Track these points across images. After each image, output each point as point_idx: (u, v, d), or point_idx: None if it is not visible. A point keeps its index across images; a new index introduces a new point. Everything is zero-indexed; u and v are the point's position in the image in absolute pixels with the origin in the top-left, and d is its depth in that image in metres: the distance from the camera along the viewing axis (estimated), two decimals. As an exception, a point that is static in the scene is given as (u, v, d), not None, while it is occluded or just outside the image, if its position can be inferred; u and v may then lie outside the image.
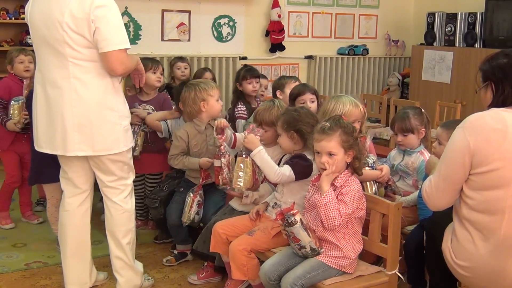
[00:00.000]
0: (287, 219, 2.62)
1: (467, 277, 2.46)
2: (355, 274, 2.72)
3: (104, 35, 2.84)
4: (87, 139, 2.95)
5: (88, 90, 2.92)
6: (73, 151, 2.96)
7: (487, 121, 2.36)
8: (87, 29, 2.82)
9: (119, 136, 3.04)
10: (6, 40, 5.75)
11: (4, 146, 4.20)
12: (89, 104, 2.93)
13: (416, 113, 3.45)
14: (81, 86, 2.91)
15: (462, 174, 2.40)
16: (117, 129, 3.03)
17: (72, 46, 2.85)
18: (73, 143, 2.94)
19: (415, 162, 3.34)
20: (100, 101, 2.95)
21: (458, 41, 6.59)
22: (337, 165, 2.66)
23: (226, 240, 3.05)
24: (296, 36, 7.08)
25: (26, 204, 4.42)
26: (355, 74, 7.48)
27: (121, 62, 2.92)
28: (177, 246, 3.75)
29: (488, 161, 2.32)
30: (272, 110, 3.26)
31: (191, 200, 3.48)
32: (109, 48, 2.86)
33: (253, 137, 3.01)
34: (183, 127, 3.71)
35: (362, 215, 2.73)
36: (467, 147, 2.35)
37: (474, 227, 2.39)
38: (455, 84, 6.49)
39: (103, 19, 2.83)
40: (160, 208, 3.74)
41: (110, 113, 2.99)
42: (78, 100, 2.91)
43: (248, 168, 3.08)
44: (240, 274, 2.93)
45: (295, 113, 3.03)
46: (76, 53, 2.87)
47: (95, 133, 2.95)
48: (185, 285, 3.45)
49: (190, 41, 6.41)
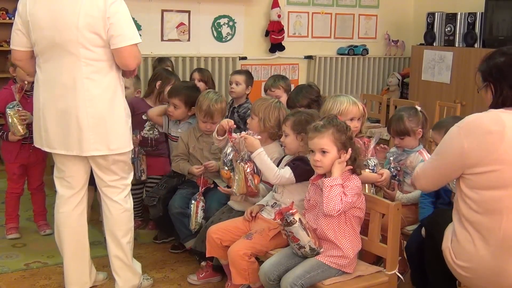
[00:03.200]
0: (286, 219, 2.62)
1: (467, 278, 2.46)
2: (355, 274, 2.72)
3: (118, 30, 2.85)
4: (103, 139, 2.96)
5: (100, 89, 2.93)
6: (88, 151, 2.97)
7: (484, 122, 2.35)
8: (103, 27, 2.82)
9: (128, 134, 3.09)
10: (6, 40, 5.74)
11: (10, 158, 4.08)
12: (103, 103, 2.94)
13: (411, 114, 3.37)
14: (94, 86, 2.91)
15: (454, 172, 2.42)
16: (127, 127, 3.08)
17: (87, 46, 2.85)
18: (88, 144, 2.95)
19: (414, 161, 3.33)
20: (112, 100, 2.97)
21: (457, 41, 6.58)
22: (330, 162, 2.66)
23: (221, 244, 3.06)
24: (296, 36, 7.07)
25: (38, 213, 4.30)
26: (354, 74, 7.47)
27: (134, 57, 2.94)
28: (185, 243, 3.68)
29: (484, 163, 2.31)
30: (267, 103, 3.35)
31: (195, 207, 3.48)
32: (124, 44, 2.87)
33: (253, 140, 3.01)
34: (188, 129, 3.86)
35: (361, 215, 2.73)
36: (462, 148, 2.35)
37: (473, 227, 2.39)
38: (455, 84, 6.48)
39: (117, 14, 2.84)
40: (159, 206, 3.76)
41: (121, 111, 3.03)
42: (92, 100, 2.91)
43: (241, 174, 3.07)
44: (241, 279, 2.92)
45: (307, 115, 3.03)
46: (90, 53, 2.87)
47: (110, 132, 2.98)
48: (185, 285, 3.45)
49: (190, 41, 6.40)
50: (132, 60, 2.94)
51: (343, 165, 2.67)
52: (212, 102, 3.62)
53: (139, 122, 4.07)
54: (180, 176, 3.86)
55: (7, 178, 4.16)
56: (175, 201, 3.65)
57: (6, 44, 5.65)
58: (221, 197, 3.55)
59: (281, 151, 3.28)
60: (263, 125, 3.29)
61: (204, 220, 3.47)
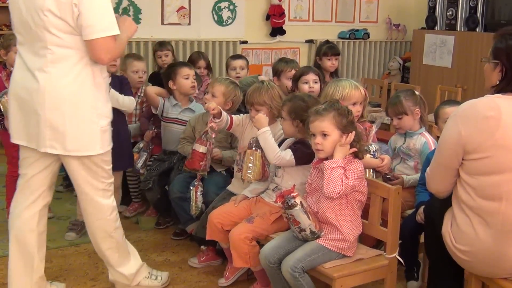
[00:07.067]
0: (287, 202, 2.63)
1: (467, 262, 2.47)
2: (355, 257, 2.73)
3: (88, 20, 2.58)
4: (60, 137, 2.68)
5: (64, 82, 2.66)
6: (44, 147, 2.71)
7: (479, 109, 2.34)
8: (70, 13, 2.57)
9: (95, 136, 2.76)
10: (5, 23, 5.72)
11: (10, 142, 4.01)
12: (64, 98, 2.66)
13: (408, 95, 3.42)
14: (58, 77, 2.65)
15: (456, 161, 2.41)
16: (93, 128, 2.74)
17: (53, 31, 2.60)
18: (44, 139, 2.69)
19: (417, 143, 3.33)
20: (76, 94, 2.68)
21: (459, 25, 6.55)
22: (331, 145, 2.66)
23: (222, 228, 3.06)
24: (297, 20, 7.04)
25: None
26: (355, 58, 7.45)
27: (107, 51, 2.65)
28: (187, 227, 3.67)
29: (481, 149, 2.31)
30: (262, 90, 3.26)
31: (194, 192, 3.48)
32: (94, 36, 2.60)
33: (262, 117, 3.01)
34: (197, 113, 3.89)
35: (363, 199, 2.74)
36: (459, 135, 2.35)
37: (473, 212, 2.39)
38: (456, 68, 6.47)
39: (87, 2, 2.57)
40: (155, 188, 3.81)
41: (87, 109, 2.72)
42: (53, 92, 2.65)
43: (257, 161, 3.06)
44: (242, 262, 2.94)
45: (303, 103, 2.98)
46: (57, 39, 2.62)
47: (69, 131, 2.68)
48: (186, 268, 3.47)
49: (190, 25, 6.38)
50: (103, 54, 2.64)
51: (345, 149, 2.67)
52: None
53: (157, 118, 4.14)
54: (170, 159, 3.93)
55: (7, 161, 4.14)
56: (174, 186, 3.65)
57: (6, 28, 5.63)
58: (219, 181, 3.57)
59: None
60: (276, 111, 3.21)
61: (204, 204, 3.48)
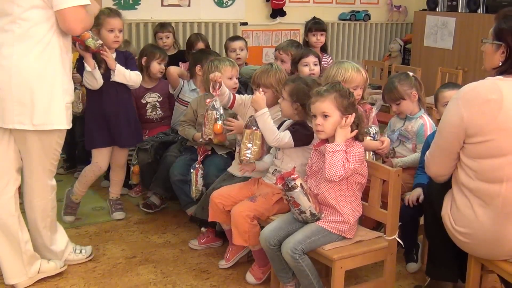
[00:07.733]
0: (288, 184, 2.63)
1: (466, 243, 2.48)
2: (355, 239, 2.73)
3: None
4: (27, 111, 2.68)
5: (32, 55, 2.67)
6: (11, 123, 2.70)
7: (481, 92, 2.33)
8: None
9: (62, 111, 2.78)
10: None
11: None
12: (30, 73, 2.67)
13: (402, 79, 3.40)
14: (23, 53, 2.65)
15: (457, 144, 2.40)
16: (60, 103, 2.77)
17: (20, 3, 2.59)
18: (12, 115, 2.69)
19: (415, 126, 3.33)
20: (44, 69, 2.70)
21: (460, 7, 6.52)
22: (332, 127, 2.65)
23: (223, 209, 3.06)
24: (297, 1, 6.98)
25: None
26: (356, 40, 7.41)
27: (80, 20, 2.68)
28: (186, 210, 3.67)
29: (483, 132, 2.30)
30: (270, 72, 3.25)
31: (195, 175, 3.49)
32: (65, 5, 2.60)
33: (260, 98, 2.97)
34: (198, 96, 3.88)
35: (363, 181, 2.74)
36: (461, 118, 2.34)
37: (473, 194, 2.39)
38: (457, 50, 6.44)
39: None
40: (150, 152, 3.86)
41: (54, 86, 2.74)
42: (18, 67, 2.65)
43: (257, 141, 3.03)
44: (241, 240, 2.94)
45: (306, 87, 2.94)
46: (26, 13, 2.61)
47: (36, 106, 2.69)
48: (186, 250, 3.48)
49: (190, 6, 6.32)
50: (76, 24, 2.67)
51: (346, 131, 2.66)
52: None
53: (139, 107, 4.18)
54: (176, 134, 3.96)
55: None
56: (175, 169, 3.66)
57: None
58: (219, 163, 3.57)
59: None
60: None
61: (205, 187, 3.48)
